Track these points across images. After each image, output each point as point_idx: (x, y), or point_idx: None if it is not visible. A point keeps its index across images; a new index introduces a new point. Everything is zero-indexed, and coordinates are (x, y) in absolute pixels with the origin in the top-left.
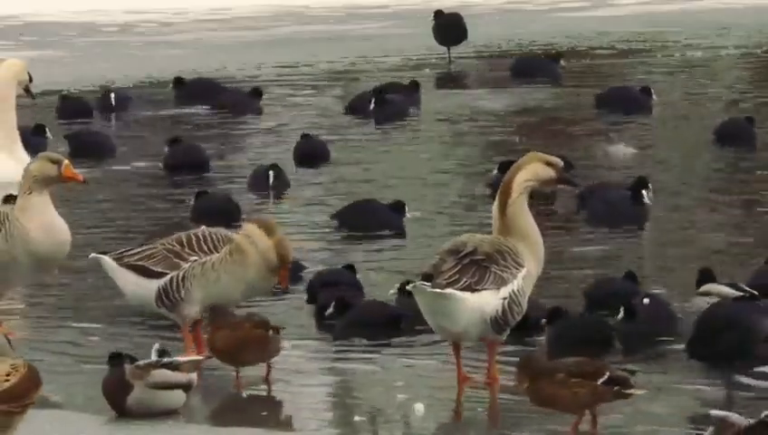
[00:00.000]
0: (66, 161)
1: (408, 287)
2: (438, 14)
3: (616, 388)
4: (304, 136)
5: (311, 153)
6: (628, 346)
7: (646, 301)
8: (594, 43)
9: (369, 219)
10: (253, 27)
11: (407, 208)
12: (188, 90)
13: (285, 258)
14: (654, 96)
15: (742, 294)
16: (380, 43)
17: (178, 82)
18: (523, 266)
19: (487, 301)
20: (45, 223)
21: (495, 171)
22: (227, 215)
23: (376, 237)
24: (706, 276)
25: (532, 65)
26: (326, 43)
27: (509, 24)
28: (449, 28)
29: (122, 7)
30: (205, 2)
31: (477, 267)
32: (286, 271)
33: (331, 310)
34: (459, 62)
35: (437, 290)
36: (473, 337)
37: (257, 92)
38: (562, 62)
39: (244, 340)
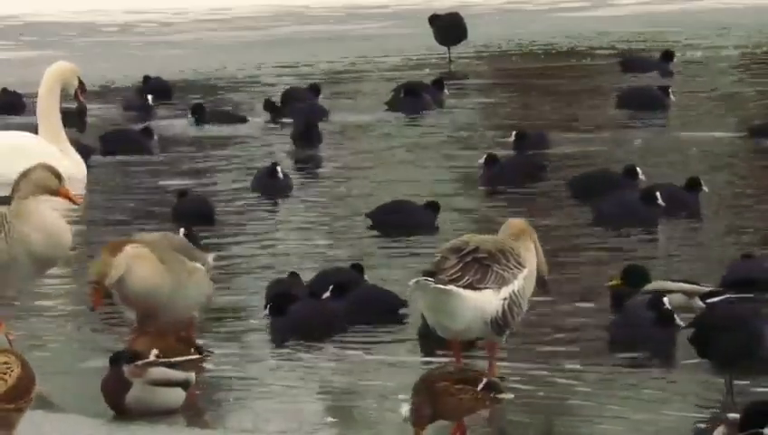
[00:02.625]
0: (67, 180)
1: (410, 284)
2: (434, 18)
3: (492, 393)
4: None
5: (303, 134)
6: (623, 344)
7: (640, 300)
8: (594, 43)
9: (403, 219)
10: (253, 27)
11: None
12: (148, 88)
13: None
14: (671, 95)
15: (711, 289)
16: (380, 43)
17: (146, 79)
18: (524, 267)
19: (488, 300)
20: (46, 224)
21: (481, 165)
22: (201, 216)
23: (406, 237)
24: (640, 275)
25: (642, 63)
26: (326, 43)
27: (509, 24)
28: (449, 28)
29: (122, 7)
30: (205, 2)
31: (479, 266)
32: (95, 290)
33: (266, 311)
34: (459, 62)
35: (440, 286)
36: (472, 336)
37: (316, 89)
38: (675, 60)
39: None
